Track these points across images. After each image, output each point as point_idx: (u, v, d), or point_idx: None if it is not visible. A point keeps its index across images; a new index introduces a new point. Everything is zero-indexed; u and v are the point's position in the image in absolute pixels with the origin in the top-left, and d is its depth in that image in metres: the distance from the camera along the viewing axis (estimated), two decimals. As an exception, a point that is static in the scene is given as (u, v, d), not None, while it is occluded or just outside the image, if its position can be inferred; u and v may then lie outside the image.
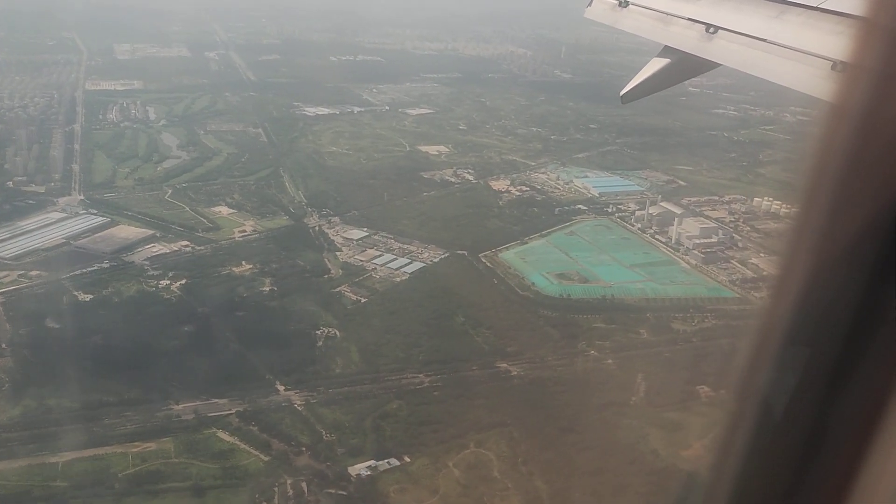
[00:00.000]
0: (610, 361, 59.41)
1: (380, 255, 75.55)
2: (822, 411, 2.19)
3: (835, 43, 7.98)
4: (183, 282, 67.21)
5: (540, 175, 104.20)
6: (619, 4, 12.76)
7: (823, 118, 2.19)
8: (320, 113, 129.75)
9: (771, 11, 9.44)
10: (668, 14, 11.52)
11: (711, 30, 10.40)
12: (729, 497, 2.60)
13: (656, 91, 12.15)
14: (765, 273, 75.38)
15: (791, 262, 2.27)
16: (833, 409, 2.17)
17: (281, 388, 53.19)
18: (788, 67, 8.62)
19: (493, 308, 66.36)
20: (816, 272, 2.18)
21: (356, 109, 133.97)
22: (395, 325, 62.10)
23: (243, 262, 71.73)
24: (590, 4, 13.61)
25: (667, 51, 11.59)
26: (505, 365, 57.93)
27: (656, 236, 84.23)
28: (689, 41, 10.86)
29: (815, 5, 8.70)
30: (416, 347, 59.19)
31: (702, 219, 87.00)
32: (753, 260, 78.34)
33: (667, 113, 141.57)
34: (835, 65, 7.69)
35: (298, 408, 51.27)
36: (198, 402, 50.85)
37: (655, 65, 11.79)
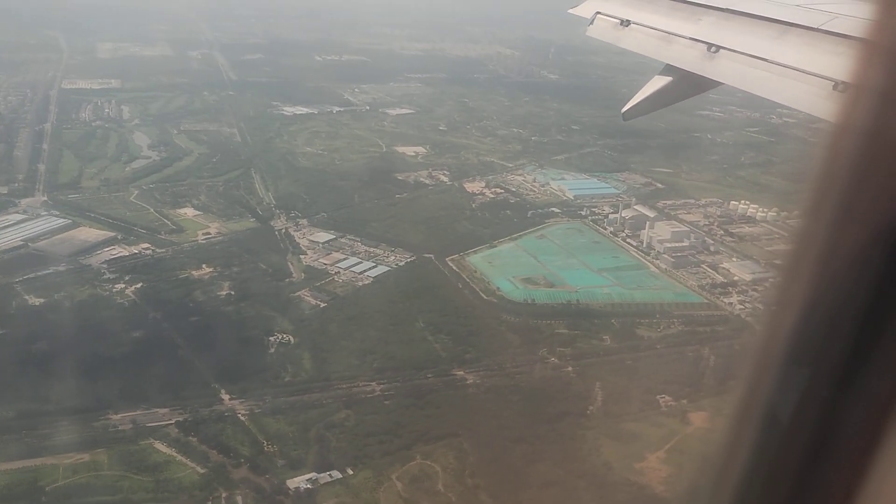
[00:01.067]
0: (570, 369, 58.03)
1: (345, 259, 74.11)
2: (826, 423, 2.17)
3: (836, 63, 8.12)
4: (139, 286, 65.68)
5: (516, 177, 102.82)
6: (621, 23, 12.83)
7: (826, 137, 2.18)
8: (298, 113, 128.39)
9: (772, 32, 9.55)
10: (669, 33, 11.60)
11: (713, 49, 10.48)
12: (734, 497, 2.50)
13: (658, 109, 12.26)
14: (735, 278, 74.12)
15: (794, 276, 2.27)
16: (836, 422, 2.15)
17: (226, 396, 51.67)
18: (790, 87, 8.75)
19: (454, 313, 64.92)
20: (819, 287, 2.18)
21: (335, 109, 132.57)
22: (351, 332, 60.63)
23: (203, 266, 70.25)
24: (591, 23, 13.59)
25: (669, 69, 11.62)
26: (461, 372, 56.52)
27: (628, 240, 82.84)
28: (690, 60, 10.95)
29: (815, 26, 8.85)
30: (370, 354, 57.73)
31: (674, 222, 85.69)
32: (724, 264, 77.03)
33: (651, 115, 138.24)
34: (836, 85, 7.81)
35: (242, 417, 49.79)
36: (138, 412, 49.29)
37: (657, 83, 11.84)
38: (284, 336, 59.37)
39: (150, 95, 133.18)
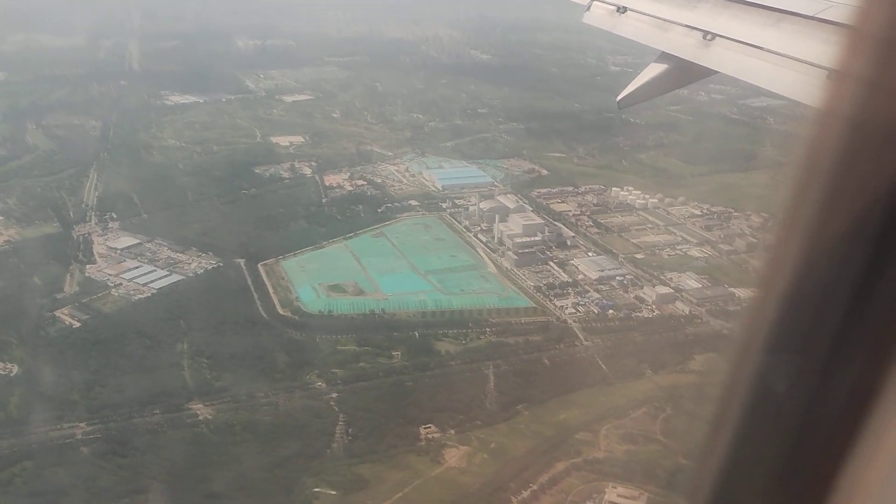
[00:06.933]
0: (334, 395, 49.49)
1: (136, 268, 65.59)
2: (811, 409, 2.21)
3: (831, 52, 6.55)
4: None
5: (390, 166, 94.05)
6: (618, 10, 12.63)
7: (812, 124, 2.21)
8: (184, 102, 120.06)
9: (768, 20, 9.40)
10: (665, 20, 11.49)
11: (709, 37, 10.32)
12: (715, 487, 2.53)
13: (653, 97, 12.16)
14: (580, 276, 65.31)
15: (779, 263, 2.29)
16: (821, 406, 2.19)
17: None
18: (785, 76, 8.64)
19: (230, 331, 56.31)
20: (804, 274, 2.21)
21: (226, 97, 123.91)
22: (91, 359, 52.19)
23: (-37, 283, 61.93)
24: (588, 9, 13.27)
25: (664, 57, 11.53)
26: (199, 406, 48.13)
27: (479, 235, 73.93)
28: (686, 48, 10.85)
29: (811, 14, 8.70)
30: (98, 387, 49.35)
31: (530, 214, 76.68)
32: (575, 261, 68.20)
33: (573, 94, 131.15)
34: (831, 74, 5.68)
35: None
36: None
37: (653, 70, 11.71)
38: (8, 366, 50.98)
39: (31, 89, 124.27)
